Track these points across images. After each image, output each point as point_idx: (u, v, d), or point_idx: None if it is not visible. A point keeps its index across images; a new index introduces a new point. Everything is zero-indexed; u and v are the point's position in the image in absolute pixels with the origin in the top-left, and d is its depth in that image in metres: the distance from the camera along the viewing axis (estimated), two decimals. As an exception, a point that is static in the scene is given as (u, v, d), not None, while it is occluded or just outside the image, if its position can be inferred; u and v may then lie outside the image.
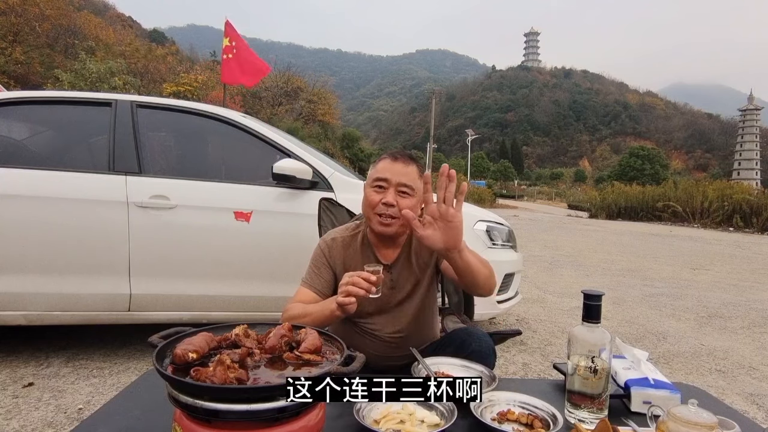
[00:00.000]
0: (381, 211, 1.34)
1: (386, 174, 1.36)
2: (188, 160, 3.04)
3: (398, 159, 1.38)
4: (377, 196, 1.35)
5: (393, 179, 1.35)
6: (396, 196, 1.34)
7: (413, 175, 1.37)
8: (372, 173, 1.41)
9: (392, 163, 1.37)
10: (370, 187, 1.39)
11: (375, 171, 1.40)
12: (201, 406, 0.69)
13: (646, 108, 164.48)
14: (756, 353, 3.18)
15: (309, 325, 1.07)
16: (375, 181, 1.37)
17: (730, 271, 6.67)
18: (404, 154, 1.42)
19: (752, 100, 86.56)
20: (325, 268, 1.42)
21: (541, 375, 2.68)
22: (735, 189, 16.85)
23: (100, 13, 47.65)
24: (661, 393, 1.02)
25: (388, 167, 1.37)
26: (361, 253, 1.43)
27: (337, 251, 1.43)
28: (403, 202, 1.34)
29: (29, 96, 2.77)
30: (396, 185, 1.35)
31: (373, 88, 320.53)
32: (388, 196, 1.34)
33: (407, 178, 1.36)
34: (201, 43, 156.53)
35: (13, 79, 21.74)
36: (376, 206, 1.34)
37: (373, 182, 1.38)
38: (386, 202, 1.33)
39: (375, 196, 1.36)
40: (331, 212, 1.94)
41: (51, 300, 2.43)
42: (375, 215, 1.35)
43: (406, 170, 1.36)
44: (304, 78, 38.96)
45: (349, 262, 1.42)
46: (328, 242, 1.45)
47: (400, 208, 1.32)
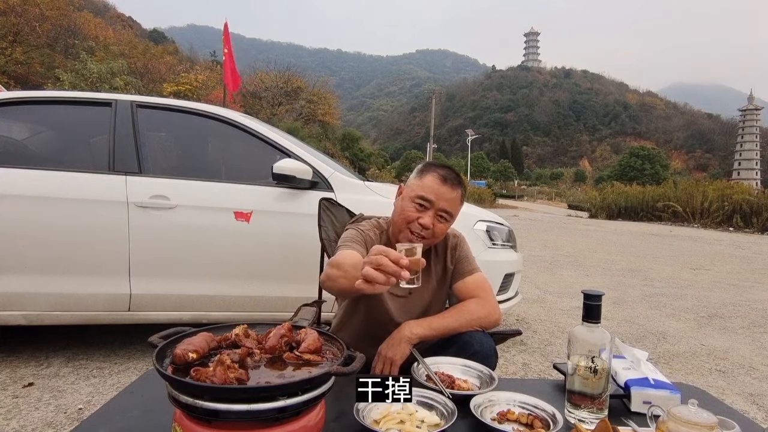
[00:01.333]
0: (415, 230, 1.32)
1: (431, 195, 1.32)
2: (188, 160, 3.04)
3: (447, 182, 1.33)
4: (415, 214, 1.32)
5: (437, 203, 1.32)
6: (434, 219, 1.32)
7: (457, 201, 1.35)
8: (416, 184, 1.36)
9: (441, 185, 1.33)
10: (410, 200, 1.34)
11: (420, 185, 1.34)
12: (201, 406, 0.69)
13: (646, 108, 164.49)
14: (756, 353, 3.18)
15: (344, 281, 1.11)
16: (418, 197, 1.33)
17: (730, 271, 6.67)
18: (454, 178, 1.36)
19: (752, 100, 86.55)
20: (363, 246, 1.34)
21: (541, 375, 2.68)
22: (735, 189, 16.84)
23: (100, 13, 47.67)
24: (661, 393, 1.02)
25: (435, 188, 1.32)
26: None
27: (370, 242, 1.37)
28: (439, 226, 1.34)
29: (29, 96, 2.77)
30: (437, 209, 1.32)
31: (373, 88, 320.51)
32: (426, 217, 1.31)
33: (450, 204, 1.33)
34: (201, 43, 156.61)
35: (13, 79, 21.74)
36: (412, 223, 1.33)
37: (415, 198, 1.33)
38: (424, 224, 1.31)
39: (413, 213, 1.32)
40: (331, 212, 1.93)
41: (51, 300, 2.43)
42: (407, 230, 1.34)
43: (451, 195, 1.33)
44: (304, 78, 38.96)
45: None
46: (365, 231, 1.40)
47: (434, 231, 1.33)
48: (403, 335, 1.27)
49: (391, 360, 1.26)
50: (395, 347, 1.27)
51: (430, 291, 1.45)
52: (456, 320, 1.33)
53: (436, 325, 1.32)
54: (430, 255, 1.45)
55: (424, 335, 1.29)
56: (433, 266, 1.46)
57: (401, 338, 1.27)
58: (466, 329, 1.33)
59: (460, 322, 1.33)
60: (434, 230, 1.33)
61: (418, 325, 1.30)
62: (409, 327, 1.29)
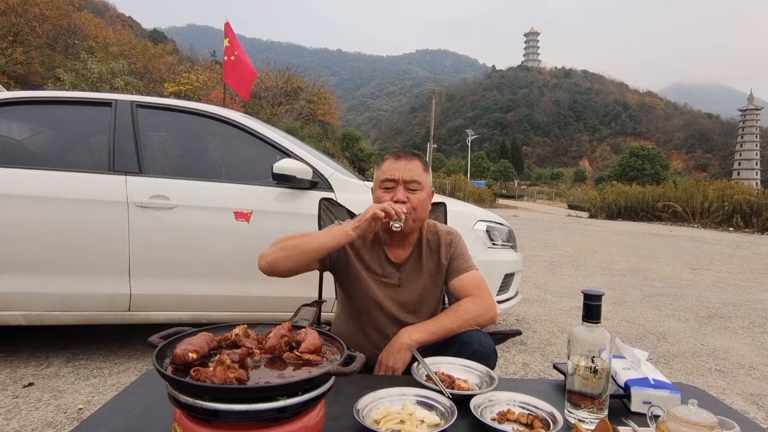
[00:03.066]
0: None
1: (392, 173, 1.38)
2: (188, 160, 3.04)
3: (401, 157, 1.41)
4: (387, 196, 1.37)
5: (400, 177, 1.37)
6: (406, 193, 1.36)
7: (419, 170, 1.39)
8: (378, 175, 1.43)
9: (396, 162, 1.39)
10: (378, 189, 1.40)
11: (381, 172, 1.42)
12: (201, 406, 0.69)
13: (646, 108, 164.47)
14: (756, 353, 3.18)
15: (301, 247, 1.25)
16: (383, 182, 1.39)
17: (730, 271, 6.67)
18: (405, 152, 1.44)
19: (752, 100, 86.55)
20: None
21: (541, 375, 2.68)
22: (735, 189, 16.84)
23: (100, 13, 47.68)
24: (661, 393, 1.02)
25: (392, 166, 1.39)
26: (371, 251, 1.44)
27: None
28: (414, 197, 1.37)
29: (29, 96, 2.77)
30: (404, 182, 1.37)
31: (373, 88, 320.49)
32: (398, 193, 1.36)
33: (413, 173, 1.38)
34: (201, 43, 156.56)
35: (14, 80, 21.74)
36: None
37: (381, 183, 1.39)
38: (397, 199, 1.35)
39: (385, 196, 1.37)
40: (331, 212, 1.94)
41: (51, 300, 2.43)
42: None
43: (410, 166, 1.39)
44: (304, 78, 38.95)
45: (359, 256, 1.43)
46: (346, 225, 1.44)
47: (411, 203, 1.35)
48: (402, 342, 1.28)
49: (393, 369, 1.27)
50: (395, 355, 1.27)
51: (421, 285, 1.45)
52: (453, 321, 1.34)
53: (434, 328, 1.32)
54: (422, 250, 1.46)
55: (422, 340, 1.29)
56: (425, 261, 1.45)
57: (401, 346, 1.28)
58: (464, 329, 1.34)
59: (457, 323, 1.34)
60: (411, 203, 1.36)
61: (416, 330, 1.31)
62: (408, 333, 1.30)
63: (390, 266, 1.43)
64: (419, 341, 1.28)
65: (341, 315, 1.54)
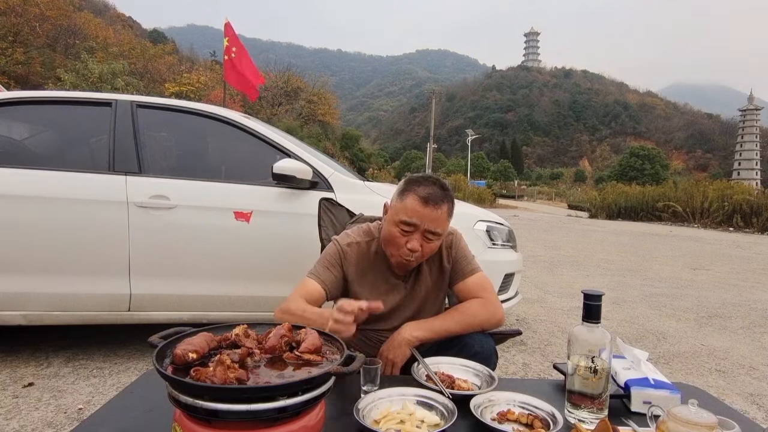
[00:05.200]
0: (405, 255, 1.31)
1: (414, 219, 1.27)
2: (188, 160, 3.04)
3: (429, 203, 1.27)
4: (402, 239, 1.29)
5: (421, 225, 1.28)
6: (422, 241, 1.30)
7: (443, 218, 1.30)
8: (398, 208, 1.30)
9: (423, 207, 1.27)
10: (394, 224, 1.30)
11: (403, 209, 1.29)
12: (201, 406, 0.69)
13: (646, 108, 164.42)
14: (756, 353, 3.18)
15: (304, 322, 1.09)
16: (401, 222, 1.28)
17: (730, 271, 6.66)
18: (436, 197, 1.28)
19: (752, 100, 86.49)
20: (338, 267, 1.38)
21: (541, 375, 2.68)
22: (735, 189, 16.84)
23: (100, 13, 47.66)
24: (661, 393, 1.02)
25: (417, 210, 1.27)
26: (374, 265, 1.41)
27: (352, 257, 1.39)
28: (428, 246, 1.31)
29: (29, 96, 2.77)
30: (423, 231, 1.29)
31: (373, 88, 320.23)
32: (412, 241, 1.28)
33: (436, 224, 1.28)
34: (201, 43, 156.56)
35: (14, 80, 21.74)
36: (401, 248, 1.30)
37: (399, 222, 1.29)
38: (412, 248, 1.28)
39: (400, 238, 1.29)
40: (331, 212, 1.94)
41: (51, 300, 2.43)
42: (398, 254, 1.32)
43: (436, 215, 1.28)
44: (304, 78, 39.00)
45: (362, 271, 1.40)
46: (344, 246, 1.40)
47: (423, 251, 1.31)
48: (403, 338, 1.27)
49: (392, 362, 1.26)
50: (395, 349, 1.27)
51: (424, 291, 1.44)
52: (457, 323, 1.32)
53: (437, 328, 1.31)
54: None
55: (424, 338, 1.28)
56: (426, 266, 1.44)
57: (401, 341, 1.27)
58: (468, 332, 1.33)
59: (461, 325, 1.32)
60: (423, 251, 1.31)
61: (418, 327, 1.30)
62: (410, 329, 1.29)
63: (395, 278, 1.41)
64: (420, 339, 1.28)
65: None
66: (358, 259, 1.40)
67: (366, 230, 1.46)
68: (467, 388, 1.09)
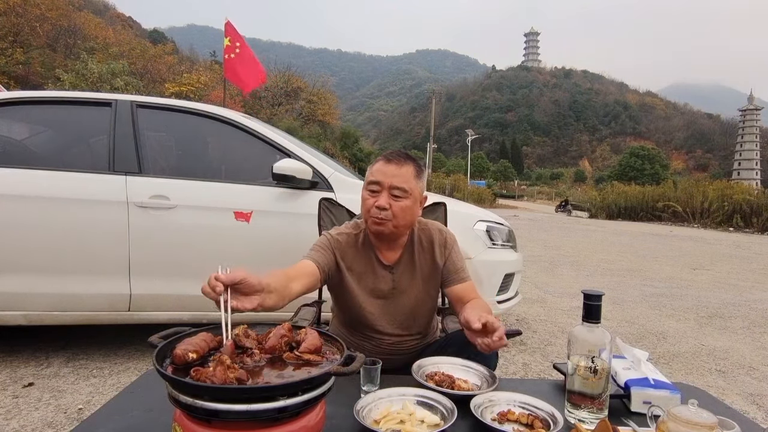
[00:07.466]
0: (374, 215, 1.32)
1: (379, 176, 1.34)
2: (188, 160, 3.04)
3: (392, 161, 1.35)
4: (371, 200, 1.34)
5: (385, 182, 1.32)
6: (389, 199, 1.32)
7: (407, 176, 1.34)
8: (367, 175, 1.40)
9: (385, 165, 1.35)
10: (365, 189, 1.37)
11: (370, 173, 1.38)
12: (201, 406, 0.69)
13: (646, 108, 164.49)
14: (756, 353, 3.18)
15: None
16: (369, 184, 1.36)
17: (730, 271, 6.67)
18: (399, 155, 1.38)
19: (752, 100, 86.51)
20: (330, 251, 1.39)
21: (541, 375, 2.68)
22: (735, 189, 16.87)
23: (100, 13, 47.69)
24: (661, 393, 1.02)
25: (381, 169, 1.35)
26: (362, 254, 1.42)
27: (341, 246, 1.41)
28: (397, 205, 1.32)
29: (29, 96, 2.77)
30: (389, 188, 1.32)
31: (373, 88, 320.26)
32: (380, 199, 1.32)
33: (400, 180, 1.33)
34: (201, 43, 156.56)
35: (14, 80, 21.75)
36: (371, 209, 1.33)
37: (368, 185, 1.36)
38: (379, 205, 1.31)
39: (369, 199, 1.34)
40: (331, 212, 1.94)
41: (51, 300, 2.43)
42: (369, 219, 1.34)
43: (399, 172, 1.33)
44: (304, 78, 38.98)
45: (351, 260, 1.41)
46: (334, 235, 1.43)
47: (393, 210, 1.32)
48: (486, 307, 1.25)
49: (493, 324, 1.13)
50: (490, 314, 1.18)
51: (416, 288, 1.43)
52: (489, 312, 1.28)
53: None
54: (414, 248, 1.44)
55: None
56: (417, 261, 1.43)
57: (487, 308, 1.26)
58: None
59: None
60: (393, 210, 1.32)
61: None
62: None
63: (382, 269, 1.42)
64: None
65: (335, 320, 1.54)
66: (346, 249, 1.41)
67: (354, 224, 1.49)
68: (467, 388, 1.09)
